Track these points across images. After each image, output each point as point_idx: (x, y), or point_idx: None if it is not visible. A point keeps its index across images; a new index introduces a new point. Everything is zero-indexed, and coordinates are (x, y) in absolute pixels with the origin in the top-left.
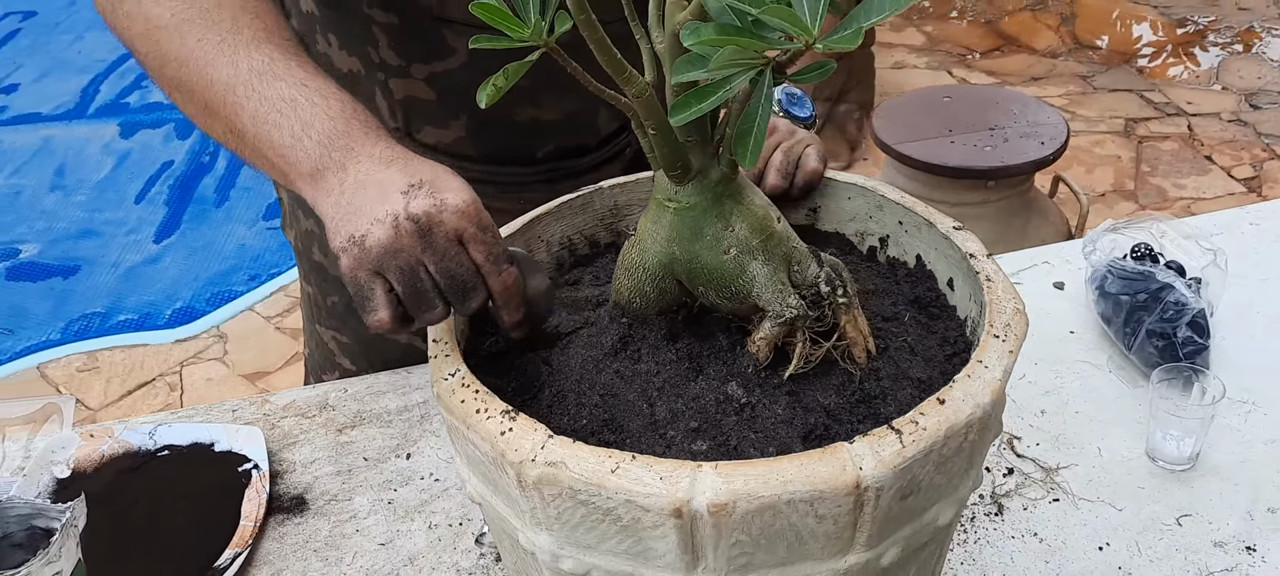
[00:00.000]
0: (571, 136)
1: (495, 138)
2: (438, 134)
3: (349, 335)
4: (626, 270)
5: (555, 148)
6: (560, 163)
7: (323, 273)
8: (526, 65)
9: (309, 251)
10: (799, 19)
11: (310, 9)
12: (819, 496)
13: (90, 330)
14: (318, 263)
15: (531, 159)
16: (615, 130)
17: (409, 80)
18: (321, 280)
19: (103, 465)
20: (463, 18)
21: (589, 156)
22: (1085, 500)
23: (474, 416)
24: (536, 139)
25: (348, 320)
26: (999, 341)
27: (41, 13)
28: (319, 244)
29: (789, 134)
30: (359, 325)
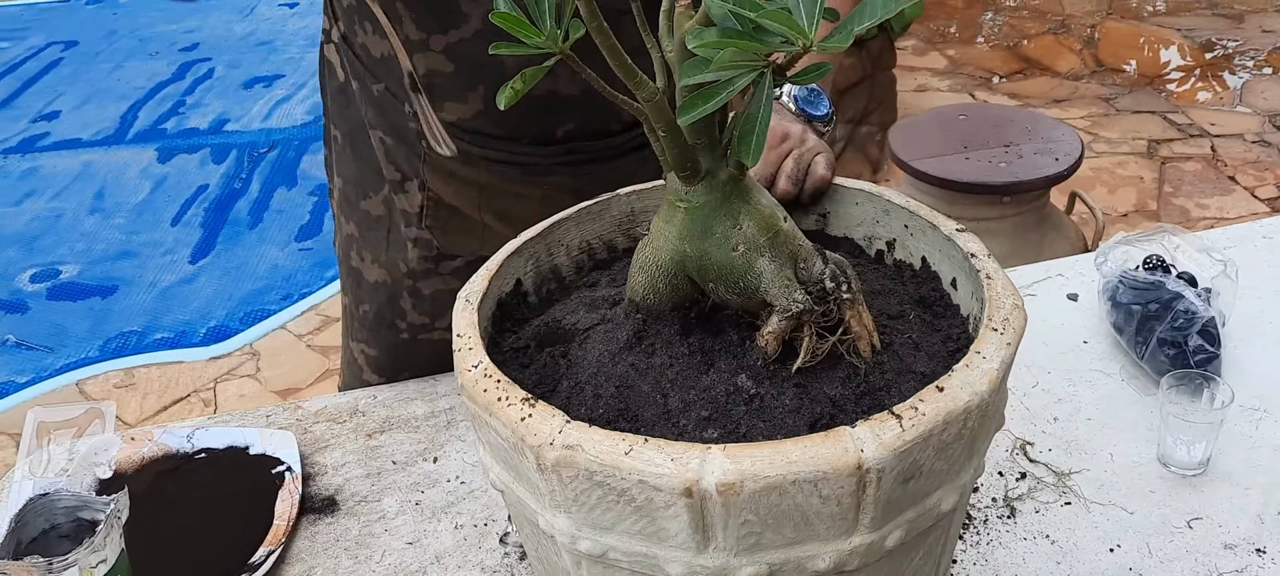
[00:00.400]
0: (591, 117)
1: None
2: (459, 110)
3: (377, 347)
4: (641, 268)
5: (575, 127)
6: (581, 144)
7: (357, 279)
8: (543, 70)
9: (347, 257)
10: (796, 23)
11: (349, 2)
12: (822, 477)
13: (127, 347)
14: (354, 269)
15: (551, 137)
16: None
17: (429, 54)
18: (356, 287)
19: (143, 467)
20: None
21: (613, 140)
22: (1097, 503)
23: (496, 404)
24: (554, 115)
25: (377, 330)
26: (997, 334)
27: (82, 42)
28: (356, 249)
29: (800, 142)
30: (388, 335)
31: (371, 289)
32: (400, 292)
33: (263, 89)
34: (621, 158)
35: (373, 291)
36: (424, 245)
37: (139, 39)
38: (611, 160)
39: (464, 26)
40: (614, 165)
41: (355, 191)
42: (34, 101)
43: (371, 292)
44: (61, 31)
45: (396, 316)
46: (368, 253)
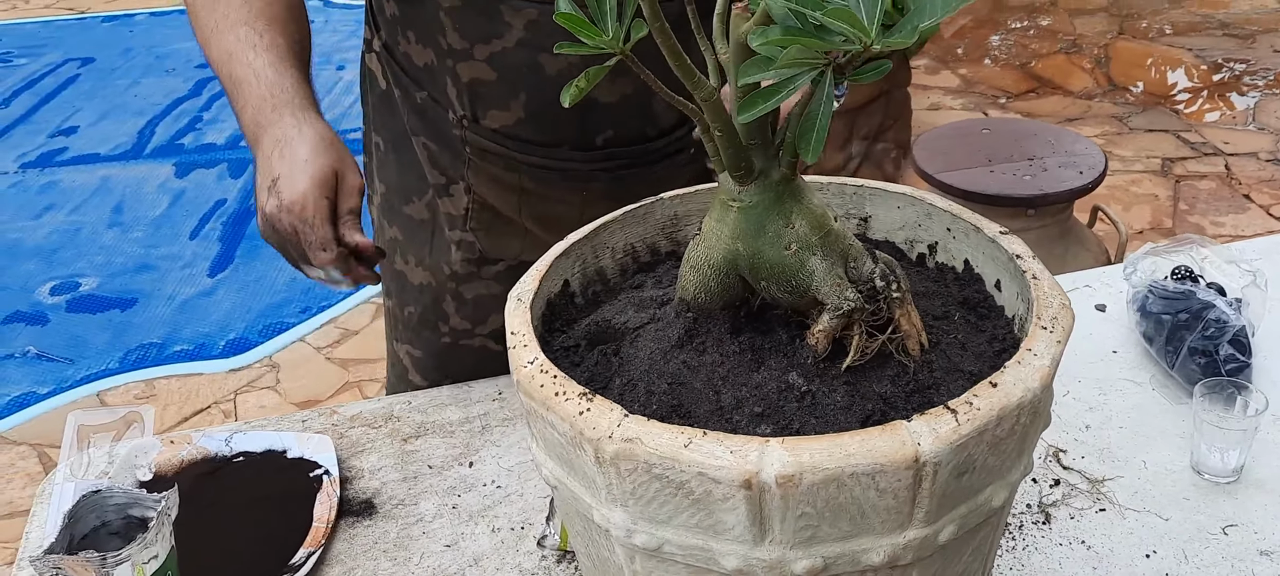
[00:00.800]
0: (629, 123)
1: (552, 119)
2: (501, 117)
3: (421, 348)
4: (692, 266)
5: (613, 133)
6: (619, 150)
7: (402, 282)
8: (605, 70)
9: (391, 261)
10: (859, 21)
11: (393, 12)
12: (880, 470)
13: (147, 359)
14: (398, 272)
15: (591, 144)
16: (676, 122)
17: (472, 62)
18: (400, 290)
19: (182, 469)
20: None
21: (650, 145)
22: (1132, 510)
23: (553, 399)
24: (593, 123)
25: (421, 332)
26: (1047, 332)
27: (99, 59)
28: (401, 252)
29: None
30: (431, 336)
31: (416, 292)
32: (443, 295)
33: None
34: (658, 163)
35: (418, 294)
36: (467, 248)
37: (155, 56)
38: (648, 165)
39: (507, 35)
40: (650, 170)
41: (398, 197)
42: (52, 117)
43: (416, 295)
44: (78, 48)
45: (439, 320)
46: (412, 255)
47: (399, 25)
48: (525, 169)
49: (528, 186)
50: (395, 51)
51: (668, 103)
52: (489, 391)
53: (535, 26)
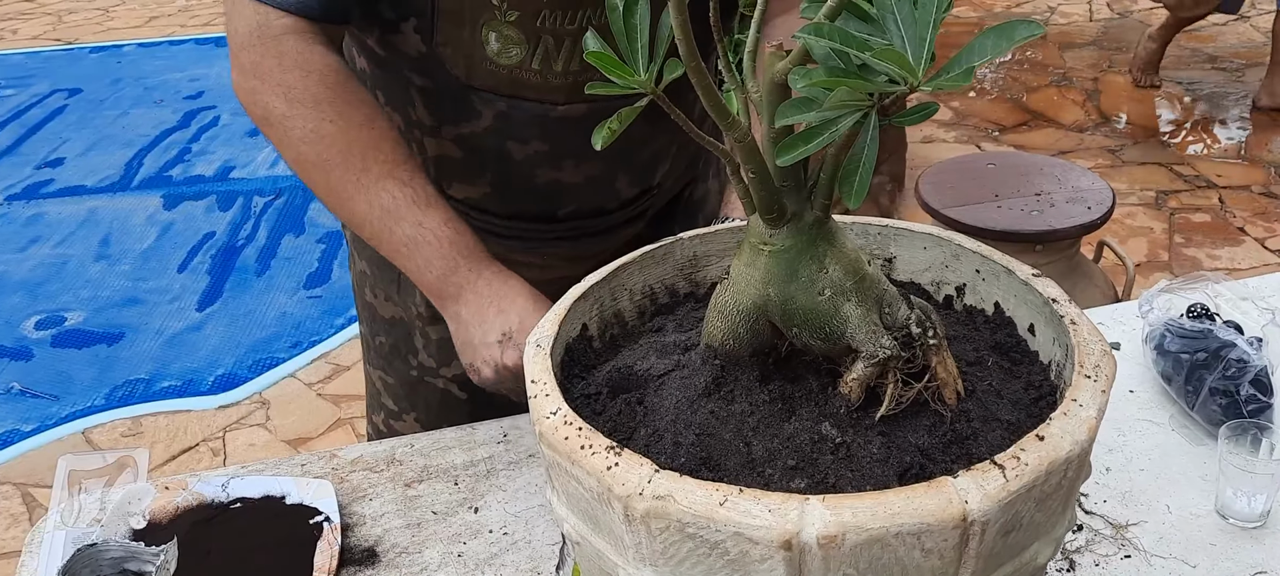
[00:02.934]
0: (591, 199)
1: (517, 197)
2: (466, 189)
3: (393, 376)
4: (720, 312)
5: (576, 208)
6: (580, 222)
7: (372, 313)
8: (637, 111)
9: (361, 291)
10: (907, 61)
11: (363, 66)
12: (926, 529)
13: (134, 396)
14: (368, 303)
15: (553, 217)
16: (635, 194)
17: (440, 139)
18: (371, 320)
19: (178, 516)
20: (488, 86)
21: (609, 217)
22: (1158, 557)
23: (579, 452)
24: (557, 200)
25: (392, 361)
26: (1091, 381)
27: (87, 90)
28: (370, 286)
29: None
30: (402, 366)
31: (386, 324)
32: (413, 331)
33: None
34: (619, 229)
35: (388, 326)
36: None
37: (144, 87)
38: (607, 232)
39: (476, 122)
40: (609, 236)
41: None
42: (39, 148)
43: (386, 327)
44: (66, 79)
45: (409, 353)
46: (381, 290)
47: (369, 81)
48: (486, 236)
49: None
50: None
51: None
52: (494, 433)
53: (504, 117)
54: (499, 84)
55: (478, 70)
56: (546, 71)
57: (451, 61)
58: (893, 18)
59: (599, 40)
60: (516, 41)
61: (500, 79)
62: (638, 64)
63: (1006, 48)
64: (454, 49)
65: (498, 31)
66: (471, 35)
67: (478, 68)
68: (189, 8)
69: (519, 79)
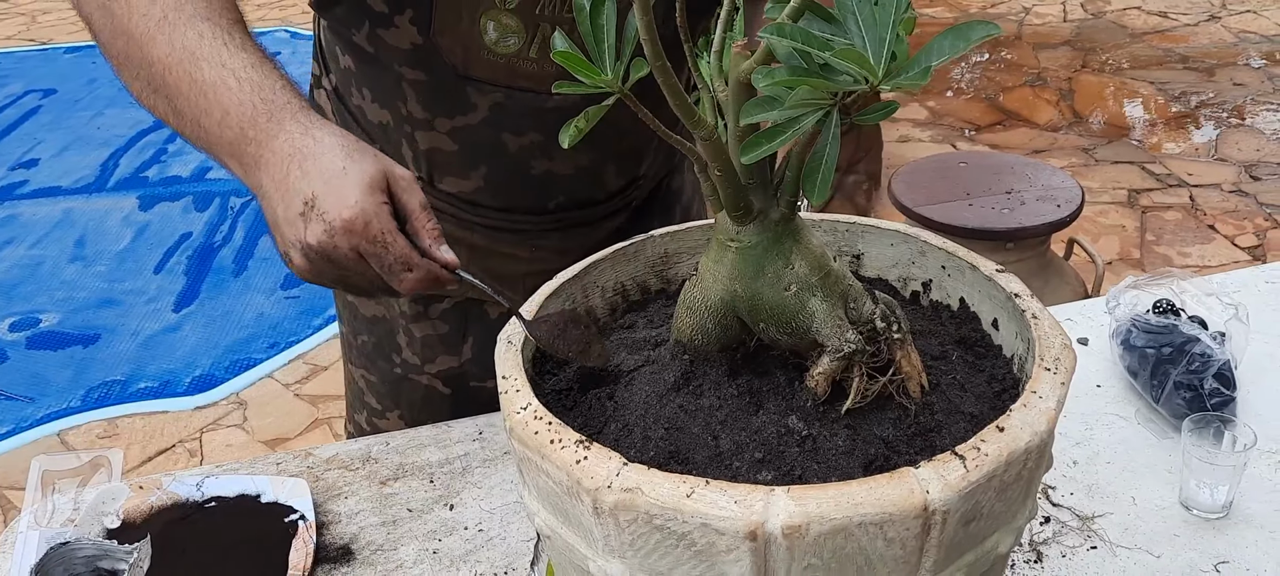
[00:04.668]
0: (581, 190)
1: (511, 189)
2: (458, 183)
3: (375, 374)
4: (688, 308)
5: (566, 199)
6: (569, 213)
7: (354, 312)
8: (604, 109)
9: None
10: (867, 61)
11: (348, 65)
12: (888, 519)
13: (110, 397)
14: (350, 302)
15: (543, 209)
16: (623, 186)
17: (433, 133)
18: (353, 319)
19: (151, 516)
20: (485, 77)
21: (597, 208)
22: (1123, 547)
23: (548, 447)
24: (549, 190)
25: (375, 359)
26: (1050, 373)
27: (61, 90)
28: None
29: None
30: (385, 365)
31: (368, 322)
32: (396, 329)
33: None
34: (606, 220)
35: (370, 324)
36: None
37: (119, 87)
38: (596, 222)
39: (472, 114)
40: (598, 226)
41: None
42: (12, 149)
43: (368, 325)
44: (40, 79)
45: (392, 350)
46: None
47: (354, 80)
48: (477, 228)
49: (478, 243)
50: (347, 101)
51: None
52: (469, 431)
53: (500, 109)
54: (496, 74)
55: (475, 60)
56: (543, 60)
57: (448, 52)
58: (854, 18)
59: (567, 39)
60: (514, 30)
61: (497, 69)
62: (604, 63)
63: (963, 47)
64: (451, 39)
65: (496, 20)
66: (469, 25)
67: (475, 58)
68: None
69: (516, 68)
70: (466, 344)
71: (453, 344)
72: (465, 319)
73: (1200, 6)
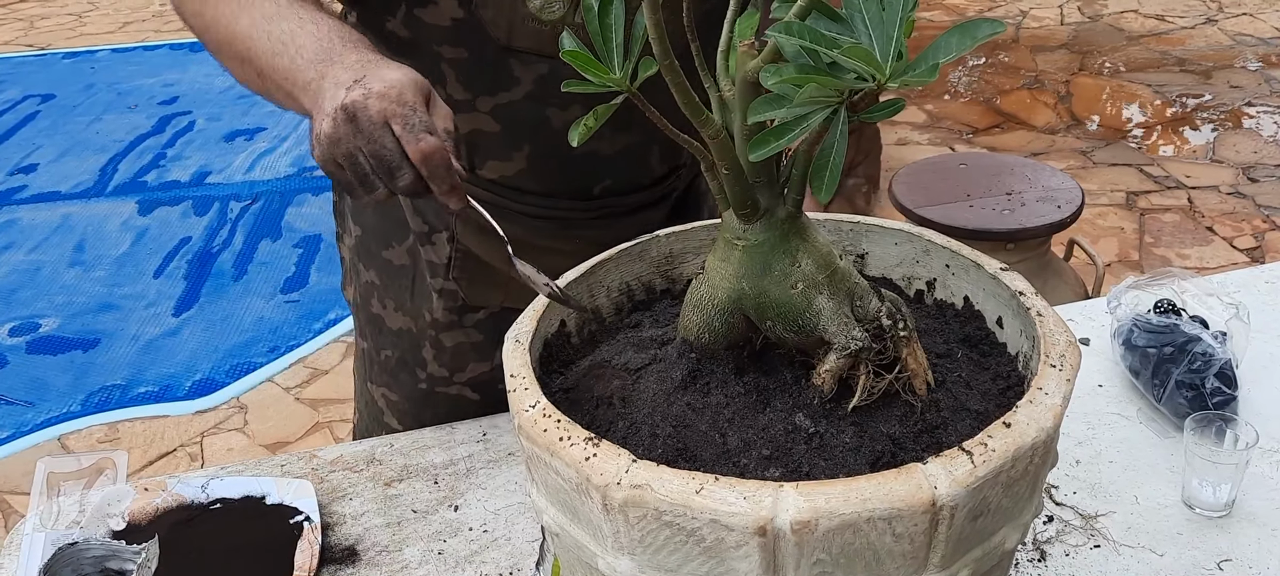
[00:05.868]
0: (626, 174)
1: (554, 171)
2: (500, 167)
3: (398, 392)
4: (695, 306)
5: (610, 183)
6: (613, 199)
7: (378, 326)
8: (613, 108)
9: (367, 305)
10: (874, 59)
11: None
12: (896, 514)
13: (110, 402)
14: (375, 315)
15: (588, 194)
16: (666, 172)
17: (474, 114)
18: (376, 334)
19: (157, 517)
20: (529, 47)
21: (640, 195)
22: (1126, 546)
23: (557, 444)
24: (593, 174)
25: (398, 375)
26: (1056, 370)
27: (60, 95)
28: (378, 296)
29: None
30: (409, 381)
31: (393, 336)
32: (422, 342)
33: (244, 142)
34: (649, 208)
35: (395, 338)
36: (449, 297)
37: (117, 92)
38: (639, 211)
39: (515, 89)
40: (641, 216)
41: (376, 240)
42: (11, 154)
43: (393, 339)
44: (38, 85)
45: (417, 365)
46: (391, 300)
47: None
48: (519, 219)
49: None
50: None
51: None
52: (473, 432)
53: (544, 82)
54: (542, 43)
55: (519, 30)
56: None
57: (491, 24)
58: (861, 17)
59: (574, 39)
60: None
61: (542, 38)
62: (613, 62)
63: (970, 45)
64: (494, 10)
65: None
66: None
67: (519, 28)
68: (163, 13)
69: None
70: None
71: (485, 352)
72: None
73: (1197, 9)
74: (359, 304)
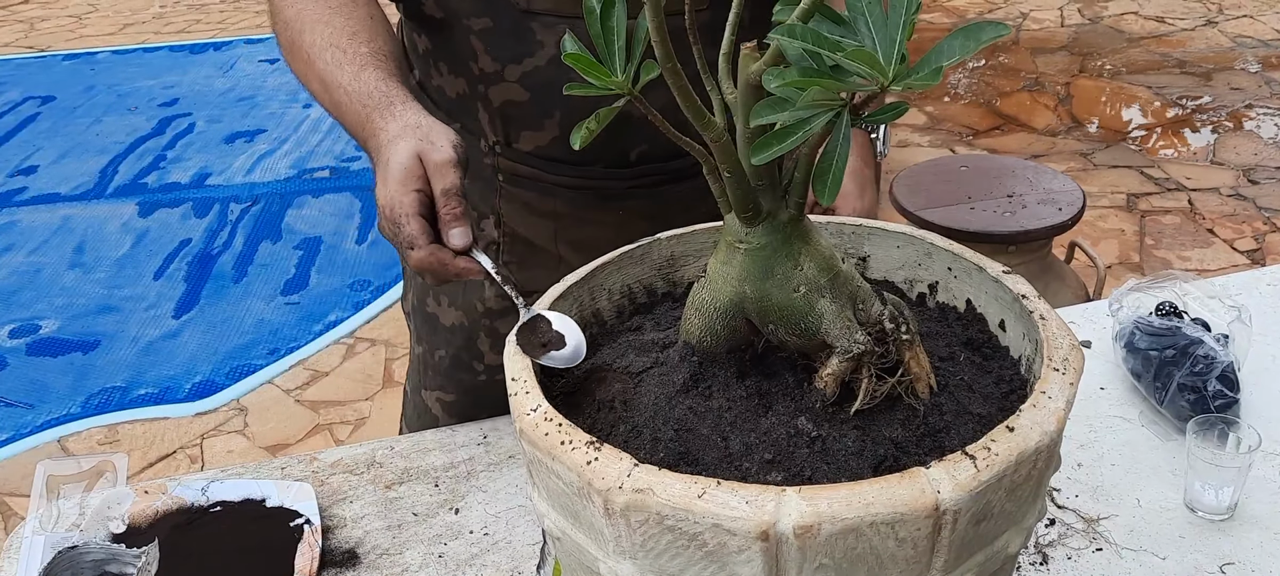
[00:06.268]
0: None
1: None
2: (535, 138)
3: (455, 390)
4: (697, 309)
5: (647, 148)
6: (652, 166)
7: (433, 326)
8: (615, 111)
9: (422, 308)
10: (878, 62)
11: (425, 47)
12: (899, 519)
13: (110, 404)
14: (430, 315)
15: (625, 160)
16: None
17: (505, 84)
18: (431, 334)
19: (157, 520)
20: (547, 9)
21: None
22: (1129, 549)
23: (559, 448)
24: (627, 138)
25: (454, 375)
26: (1059, 374)
27: (60, 97)
28: (433, 294)
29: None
30: (466, 377)
31: (448, 333)
32: (477, 333)
33: (244, 144)
34: (692, 176)
35: (449, 335)
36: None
37: (117, 94)
38: (683, 180)
39: (538, 54)
40: (685, 185)
41: None
42: (11, 156)
43: (448, 337)
44: (38, 86)
45: (473, 359)
46: (445, 296)
47: (432, 58)
48: (559, 192)
49: (562, 210)
50: (428, 87)
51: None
52: (474, 435)
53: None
54: (559, 3)
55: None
56: None
57: None
58: (864, 20)
59: (576, 42)
60: None
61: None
62: (614, 65)
63: (974, 48)
64: None
65: None
66: None
67: None
68: (163, 15)
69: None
70: None
71: None
72: None
73: (1197, 11)
74: (415, 308)
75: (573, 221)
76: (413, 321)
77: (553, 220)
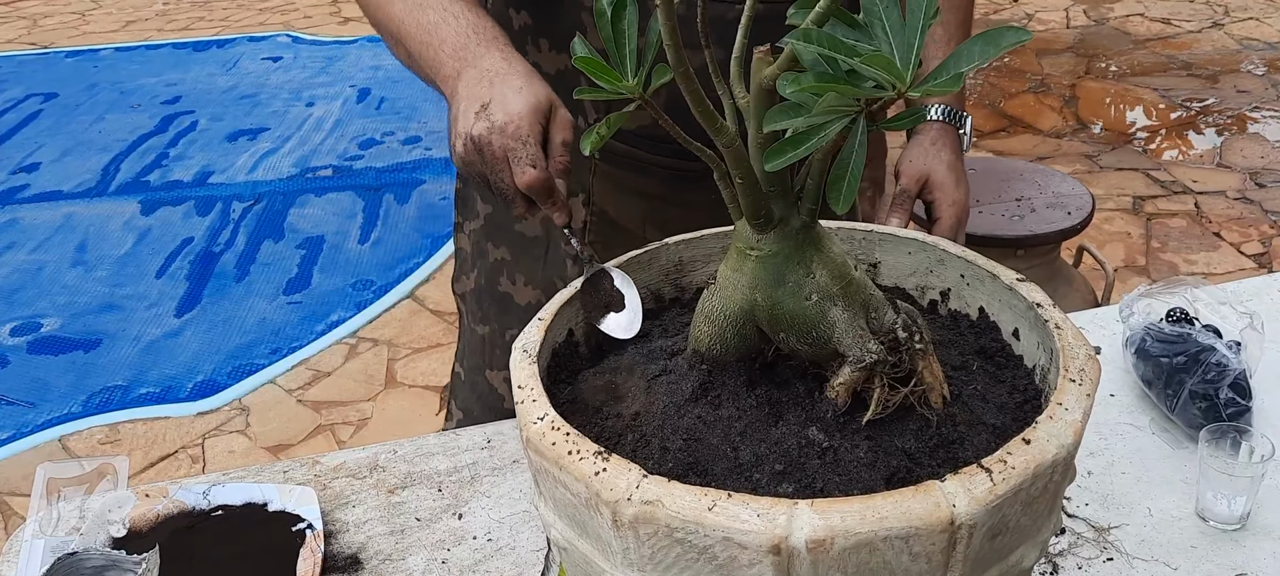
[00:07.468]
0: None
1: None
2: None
3: None
4: (707, 317)
5: None
6: None
7: (505, 304)
8: (625, 116)
9: (494, 285)
10: (895, 67)
11: (523, 23)
12: (914, 533)
13: (112, 403)
14: (502, 295)
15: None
16: None
17: None
18: (502, 313)
19: (158, 524)
20: None
21: None
22: (1140, 559)
23: (566, 458)
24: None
25: None
26: (1075, 385)
27: (62, 94)
28: (507, 273)
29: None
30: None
31: (521, 312)
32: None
33: (247, 142)
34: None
35: (523, 314)
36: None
37: (120, 92)
38: None
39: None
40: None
41: (507, 216)
42: (13, 153)
43: (521, 315)
44: (41, 83)
45: None
46: (521, 274)
47: (530, 34)
48: (654, 170)
49: (655, 191)
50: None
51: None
52: (477, 439)
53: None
54: None
55: None
56: None
57: None
58: (880, 24)
59: (586, 45)
60: None
61: None
62: (625, 69)
63: (994, 54)
64: None
65: None
66: None
67: None
68: (166, 12)
69: None
70: None
71: None
72: None
73: (1203, 13)
74: (482, 288)
75: (664, 203)
76: (474, 302)
77: (645, 200)
